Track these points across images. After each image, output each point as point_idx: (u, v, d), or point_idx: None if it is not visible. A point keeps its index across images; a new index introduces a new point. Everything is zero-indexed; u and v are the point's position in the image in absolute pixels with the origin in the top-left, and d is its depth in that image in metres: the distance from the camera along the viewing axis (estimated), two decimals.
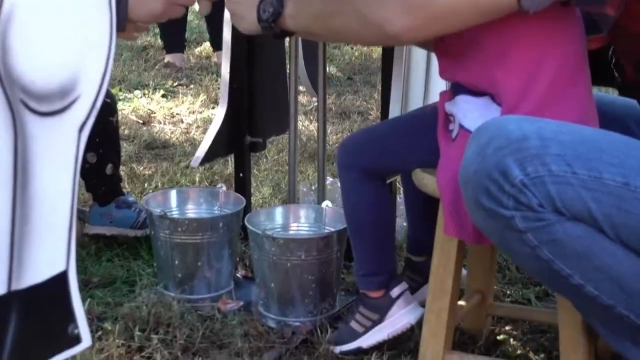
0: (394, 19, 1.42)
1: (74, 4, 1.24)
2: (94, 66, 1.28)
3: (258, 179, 2.95)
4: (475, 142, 1.34)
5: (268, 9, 1.60)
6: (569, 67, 1.51)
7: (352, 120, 3.84)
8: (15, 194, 1.20)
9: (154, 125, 3.80)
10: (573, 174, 1.27)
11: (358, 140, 1.89)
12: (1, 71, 1.14)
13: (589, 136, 1.33)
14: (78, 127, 1.27)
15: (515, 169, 1.27)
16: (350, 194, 1.86)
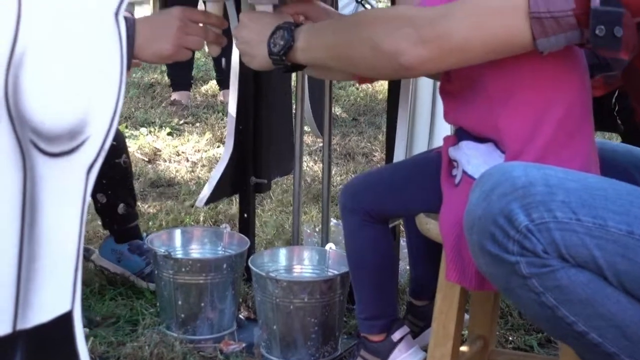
0: (408, 50, 1.42)
1: (85, 47, 1.26)
2: (103, 108, 1.29)
3: (262, 219, 2.96)
4: (480, 187, 1.34)
5: (279, 42, 1.60)
6: (573, 114, 1.52)
7: (357, 162, 3.85)
8: (23, 233, 1.20)
9: (159, 163, 3.82)
10: (578, 221, 1.27)
11: (361, 184, 1.89)
12: (12, 112, 1.16)
13: (595, 184, 1.33)
14: (86, 168, 1.28)
15: (521, 214, 1.27)
16: (353, 237, 1.86)
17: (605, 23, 1.32)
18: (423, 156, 1.92)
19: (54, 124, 1.22)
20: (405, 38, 1.42)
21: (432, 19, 1.42)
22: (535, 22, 1.35)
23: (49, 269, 1.26)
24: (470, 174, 1.53)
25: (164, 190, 3.42)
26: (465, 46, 1.41)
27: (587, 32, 1.34)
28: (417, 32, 1.41)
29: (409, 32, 1.42)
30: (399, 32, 1.43)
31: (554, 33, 1.35)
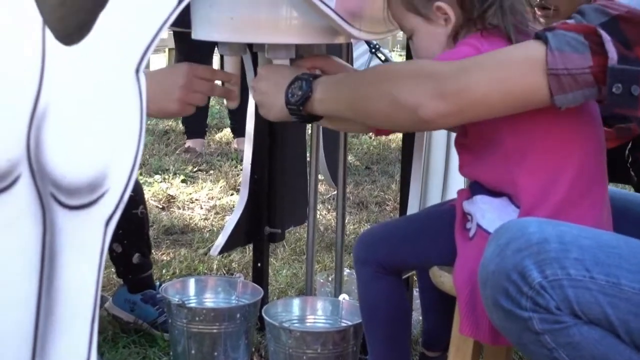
0: (427, 104, 1.43)
1: (106, 102, 1.28)
2: (123, 161, 1.31)
3: (275, 267, 2.96)
4: (495, 242, 1.35)
5: (297, 92, 1.62)
6: (587, 170, 1.53)
7: (370, 211, 3.86)
8: (42, 285, 1.22)
9: (173, 211, 3.83)
10: (591, 278, 1.28)
11: (375, 235, 1.89)
12: (34, 166, 1.18)
13: (609, 242, 1.34)
14: (105, 221, 1.29)
15: (534, 271, 1.28)
16: (366, 288, 1.86)
17: (622, 81, 1.33)
18: (437, 209, 1.92)
19: (74, 177, 1.23)
20: (424, 92, 1.43)
21: (452, 74, 1.43)
22: (553, 78, 1.36)
23: (66, 320, 1.27)
24: (484, 228, 1.54)
25: (178, 238, 3.43)
26: (484, 101, 1.42)
27: (604, 89, 1.35)
28: (437, 87, 1.42)
29: (428, 86, 1.43)
30: (418, 86, 1.45)
31: (571, 90, 1.36)
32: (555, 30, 1.37)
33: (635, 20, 1.35)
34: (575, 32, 1.36)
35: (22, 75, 1.15)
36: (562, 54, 1.35)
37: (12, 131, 1.14)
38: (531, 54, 1.38)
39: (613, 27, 1.35)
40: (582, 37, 1.35)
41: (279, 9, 1.74)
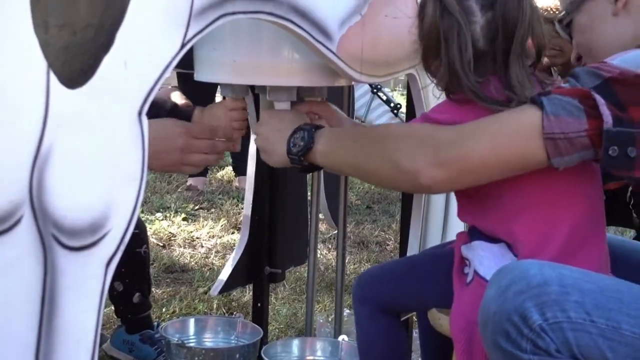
0: (427, 170, 1.44)
1: (108, 144, 1.28)
2: (124, 202, 1.31)
3: (275, 307, 2.95)
4: (497, 284, 1.35)
5: (299, 142, 1.63)
6: (586, 223, 1.53)
7: (370, 250, 3.86)
8: (41, 326, 1.21)
9: (174, 249, 3.83)
10: (591, 322, 1.28)
11: (375, 275, 1.89)
12: (36, 206, 1.18)
13: (610, 286, 1.34)
14: (105, 262, 1.29)
15: (535, 313, 1.28)
16: (364, 329, 1.86)
17: (618, 144, 1.34)
18: (437, 251, 1.93)
19: (76, 218, 1.24)
20: (424, 159, 1.44)
21: (450, 141, 1.45)
22: (549, 142, 1.37)
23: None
24: (482, 275, 1.54)
25: (178, 276, 3.43)
26: (482, 167, 1.44)
27: (600, 151, 1.36)
28: (436, 154, 1.44)
29: (428, 153, 1.44)
30: (418, 153, 1.46)
31: (568, 153, 1.38)
32: (550, 95, 1.39)
33: (627, 81, 1.37)
34: (570, 97, 1.38)
35: (26, 118, 1.15)
36: (557, 119, 1.36)
37: (15, 173, 1.15)
38: (527, 119, 1.39)
39: (606, 89, 1.37)
40: (577, 101, 1.37)
41: (281, 51, 1.76)
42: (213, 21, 1.41)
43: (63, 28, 1.17)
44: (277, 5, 1.54)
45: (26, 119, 1.15)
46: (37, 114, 1.16)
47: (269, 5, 1.53)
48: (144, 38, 1.29)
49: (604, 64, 1.41)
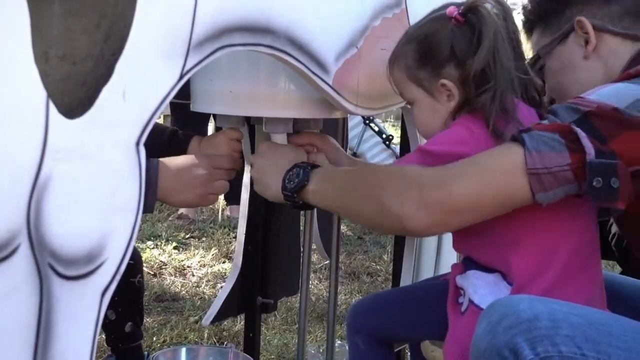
0: (412, 214, 1.43)
1: (106, 174, 1.29)
2: (121, 232, 1.31)
3: (266, 337, 2.95)
4: (487, 319, 1.35)
5: (294, 179, 1.64)
6: (580, 255, 1.54)
7: (362, 281, 3.86)
8: (36, 355, 1.21)
9: (165, 277, 3.82)
10: (582, 355, 1.28)
11: (368, 305, 1.89)
12: (33, 236, 1.18)
13: (599, 319, 1.35)
14: (101, 292, 1.29)
15: (526, 348, 1.28)
16: (357, 358, 1.86)
17: (601, 175, 1.35)
18: (430, 283, 1.93)
19: (73, 247, 1.24)
20: (408, 202, 1.44)
21: (435, 184, 1.45)
22: (533, 178, 1.38)
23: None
24: (476, 303, 1.55)
25: (169, 305, 3.42)
26: (464, 208, 1.44)
27: (584, 184, 1.37)
28: (419, 196, 1.44)
29: (411, 195, 1.44)
30: (403, 195, 1.45)
31: (551, 188, 1.38)
32: (531, 132, 1.40)
33: (605, 115, 1.38)
34: (551, 132, 1.39)
35: (25, 148, 1.16)
36: (540, 154, 1.37)
37: (12, 202, 1.15)
38: (510, 157, 1.40)
39: (586, 123, 1.38)
40: (558, 135, 1.38)
41: (278, 83, 1.77)
42: (211, 53, 1.42)
43: (63, 59, 1.17)
44: (275, 38, 1.55)
45: (25, 149, 1.15)
46: (36, 144, 1.16)
47: (267, 38, 1.54)
48: (143, 69, 1.29)
49: (582, 99, 1.42)
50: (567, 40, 1.64)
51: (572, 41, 1.63)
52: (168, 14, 1.33)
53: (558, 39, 1.65)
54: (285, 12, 1.56)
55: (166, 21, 1.33)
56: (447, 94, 1.61)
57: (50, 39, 1.15)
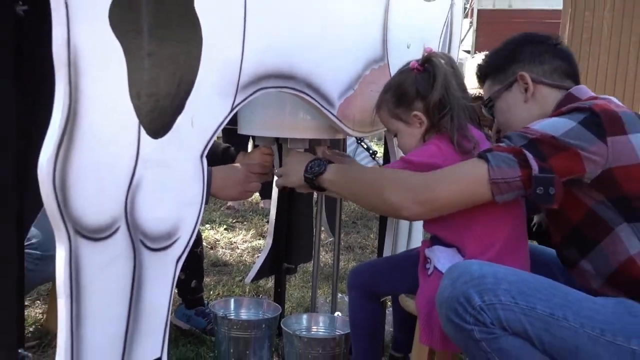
0: (408, 207, 1.44)
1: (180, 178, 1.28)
2: (190, 218, 1.31)
3: (289, 292, 2.93)
4: (449, 276, 1.35)
5: (315, 167, 1.62)
6: (513, 236, 1.53)
7: (355, 253, 3.83)
8: (131, 305, 1.21)
9: (218, 250, 3.80)
10: (516, 304, 1.28)
11: (362, 270, 1.88)
12: (129, 220, 1.18)
13: (528, 279, 1.34)
14: (176, 259, 1.30)
15: (476, 297, 1.28)
16: (354, 308, 1.85)
17: (543, 185, 1.35)
18: (406, 254, 1.92)
19: (157, 229, 1.24)
20: (406, 198, 1.44)
21: (425, 185, 1.44)
22: (493, 186, 1.38)
23: (147, 330, 1.26)
24: (439, 269, 1.53)
25: (221, 269, 3.40)
26: (446, 204, 1.44)
27: (530, 190, 1.36)
28: (414, 195, 1.44)
29: (409, 195, 1.44)
30: (402, 194, 1.45)
31: (506, 192, 1.38)
32: (492, 152, 1.40)
33: (546, 141, 1.37)
34: (507, 153, 1.38)
35: (124, 159, 1.16)
36: (499, 169, 1.37)
37: (115, 198, 1.15)
38: (478, 169, 1.39)
39: (532, 147, 1.37)
40: (512, 155, 1.38)
41: (298, 114, 1.77)
42: (252, 93, 1.42)
43: (150, 97, 1.17)
44: (296, 83, 1.55)
45: (124, 160, 1.15)
46: (131, 156, 1.16)
47: (291, 83, 1.54)
48: (205, 104, 1.30)
49: (528, 128, 1.42)
50: (512, 88, 1.62)
51: (515, 89, 1.62)
52: (223, 67, 1.33)
53: (505, 87, 1.63)
54: (304, 65, 1.57)
55: (221, 71, 1.33)
56: (419, 122, 1.61)
57: (141, 83, 1.15)
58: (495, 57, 1.68)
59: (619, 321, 1.30)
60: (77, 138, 1.06)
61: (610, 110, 1.40)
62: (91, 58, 1.06)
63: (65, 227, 1.06)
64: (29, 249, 1.91)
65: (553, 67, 1.60)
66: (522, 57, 1.62)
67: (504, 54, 1.65)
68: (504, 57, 1.65)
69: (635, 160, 1.37)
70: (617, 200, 1.38)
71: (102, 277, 1.14)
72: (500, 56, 1.66)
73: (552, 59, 1.60)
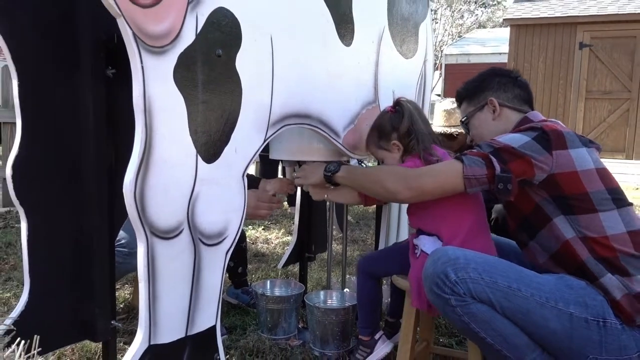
0: (401, 192, 1.42)
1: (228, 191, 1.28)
2: (235, 221, 1.31)
3: (310, 274, 2.91)
4: (431, 258, 1.33)
5: (331, 167, 1.62)
6: (475, 224, 1.50)
7: (359, 244, 3.81)
8: (193, 285, 1.21)
9: (257, 244, 3.79)
10: (482, 279, 1.26)
11: (367, 258, 1.85)
12: (190, 224, 1.18)
13: (490, 260, 1.32)
14: (225, 251, 1.29)
15: (452, 273, 1.26)
16: (360, 286, 1.83)
17: (503, 182, 1.33)
18: (399, 244, 1.89)
19: (211, 229, 1.24)
20: (400, 186, 1.42)
21: (414, 177, 1.43)
22: (466, 180, 1.36)
23: (205, 303, 1.26)
24: (425, 251, 1.52)
25: (260, 258, 3.39)
26: (431, 191, 1.42)
27: (493, 185, 1.35)
28: (407, 183, 1.42)
29: (402, 183, 1.43)
30: (397, 182, 1.43)
31: (476, 185, 1.36)
32: (467, 155, 1.38)
33: (507, 150, 1.36)
34: (478, 157, 1.37)
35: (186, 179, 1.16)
36: (471, 167, 1.36)
37: (181, 207, 1.15)
38: (455, 167, 1.38)
39: (496, 153, 1.36)
40: (481, 159, 1.36)
41: (312, 143, 1.76)
42: (280, 128, 1.42)
43: (204, 133, 1.18)
44: (311, 120, 1.55)
45: (187, 179, 1.16)
46: (191, 176, 1.17)
47: (307, 120, 1.54)
48: (245, 137, 1.30)
49: (494, 140, 1.40)
50: (483, 110, 1.61)
51: (486, 110, 1.61)
52: (258, 109, 1.33)
53: (478, 109, 1.62)
54: (317, 107, 1.56)
55: (257, 112, 1.33)
56: (397, 148, 1.61)
57: (197, 123, 1.16)
58: (470, 85, 1.67)
59: (560, 291, 1.28)
60: (152, 164, 1.06)
61: (556, 129, 1.38)
62: (161, 106, 1.06)
63: (143, 229, 1.07)
64: (119, 247, 1.92)
65: (514, 94, 1.59)
66: (491, 85, 1.61)
67: (477, 83, 1.64)
68: (477, 85, 1.64)
69: (573, 169, 1.35)
70: (557, 198, 1.36)
71: (171, 266, 1.14)
72: (474, 85, 1.65)
73: (513, 88, 1.59)
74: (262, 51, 1.32)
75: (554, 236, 1.38)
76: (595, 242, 1.34)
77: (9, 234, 3.41)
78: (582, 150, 1.38)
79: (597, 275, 1.32)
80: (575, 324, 1.26)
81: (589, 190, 1.34)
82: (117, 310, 1.84)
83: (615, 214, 1.35)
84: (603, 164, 1.40)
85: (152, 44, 1.03)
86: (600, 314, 1.27)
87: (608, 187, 1.36)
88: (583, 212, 1.35)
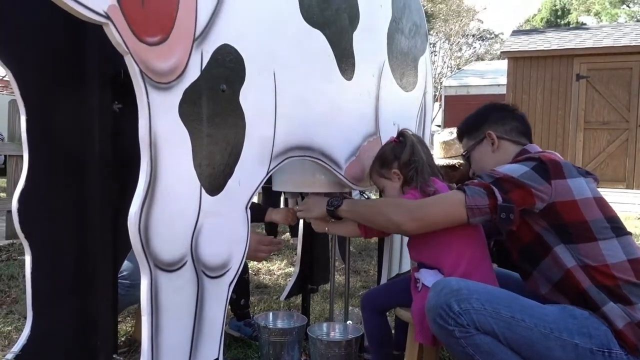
0: (406, 223, 1.42)
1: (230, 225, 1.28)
2: (238, 253, 1.30)
3: (312, 306, 2.88)
4: (434, 289, 1.32)
5: (334, 202, 1.62)
6: (477, 256, 1.50)
7: (361, 275, 3.77)
8: (195, 319, 1.20)
9: (260, 275, 3.76)
10: (485, 309, 1.25)
11: (371, 293, 1.83)
12: (194, 256, 1.18)
13: (493, 291, 1.31)
14: (229, 284, 1.28)
15: (455, 305, 1.25)
16: (367, 322, 1.78)
17: (505, 212, 1.33)
18: (402, 277, 1.88)
19: (214, 262, 1.23)
20: (404, 217, 1.42)
21: (417, 208, 1.43)
22: (469, 210, 1.36)
23: (208, 336, 1.24)
24: (427, 285, 1.51)
25: (263, 290, 3.36)
26: (434, 222, 1.42)
27: (495, 215, 1.35)
28: (411, 214, 1.42)
29: (406, 215, 1.42)
30: (401, 213, 1.43)
31: (478, 215, 1.36)
32: (469, 186, 1.39)
33: (507, 180, 1.36)
34: (479, 187, 1.38)
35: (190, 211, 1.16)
36: (473, 198, 1.36)
37: (185, 240, 1.15)
38: (457, 198, 1.38)
39: (497, 183, 1.37)
40: (483, 189, 1.37)
41: (315, 174, 1.77)
42: (282, 161, 1.43)
43: (208, 166, 1.19)
44: (313, 152, 1.56)
45: (191, 211, 1.16)
46: (195, 209, 1.17)
47: (309, 152, 1.55)
48: (248, 170, 1.31)
49: (495, 171, 1.41)
50: (482, 143, 1.63)
51: (485, 143, 1.62)
52: (261, 142, 1.35)
53: (477, 142, 1.64)
54: (320, 140, 1.58)
55: (260, 146, 1.34)
56: (397, 177, 1.62)
57: (202, 155, 1.17)
58: (469, 120, 1.69)
59: (563, 321, 1.27)
60: (156, 196, 1.07)
61: (554, 160, 1.40)
62: (166, 140, 1.08)
63: (147, 261, 1.07)
64: (121, 279, 1.91)
65: (511, 127, 1.61)
66: (489, 119, 1.63)
67: (476, 118, 1.66)
68: (475, 120, 1.66)
69: (571, 198, 1.36)
70: (557, 227, 1.37)
71: (174, 298, 1.13)
72: (473, 120, 1.67)
73: (511, 121, 1.61)
74: (265, 86, 1.35)
75: (557, 264, 1.38)
76: (596, 270, 1.33)
77: (11, 267, 3.40)
78: (580, 179, 1.39)
79: (599, 303, 1.31)
80: (581, 354, 1.24)
81: (588, 219, 1.35)
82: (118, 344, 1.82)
83: (615, 242, 1.35)
84: (600, 194, 1.40)
85: (158, 80, 1.05)
86: (605, 344, 1.25)
87: (607, 216, 1.36)
88: (583, 240, 1.35)
